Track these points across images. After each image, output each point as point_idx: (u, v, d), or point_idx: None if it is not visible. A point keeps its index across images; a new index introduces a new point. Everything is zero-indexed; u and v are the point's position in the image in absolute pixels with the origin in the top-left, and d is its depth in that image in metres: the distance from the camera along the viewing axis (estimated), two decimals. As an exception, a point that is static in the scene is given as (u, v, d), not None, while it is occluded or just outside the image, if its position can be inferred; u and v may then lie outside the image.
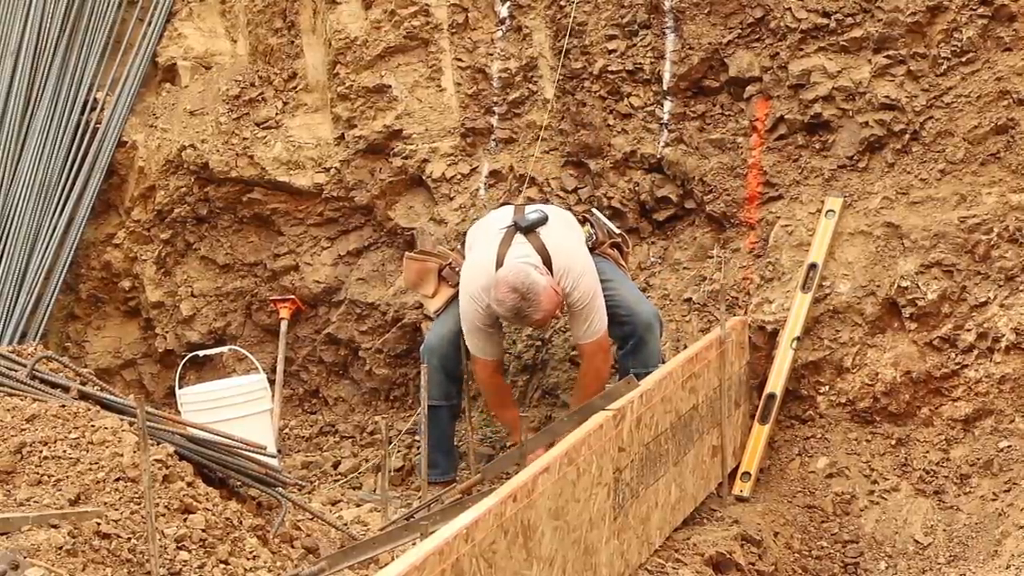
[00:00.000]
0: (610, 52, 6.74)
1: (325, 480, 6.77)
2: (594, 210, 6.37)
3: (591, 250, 5.95)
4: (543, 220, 5.83)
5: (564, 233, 5.91)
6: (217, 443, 4.81)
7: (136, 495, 4.14)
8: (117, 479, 4.19)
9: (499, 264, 5.69)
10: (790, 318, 6.15)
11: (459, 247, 6.31)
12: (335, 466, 6.91)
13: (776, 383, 6.13)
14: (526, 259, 5.66)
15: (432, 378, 5.86)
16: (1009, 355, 5.95)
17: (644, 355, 5.87)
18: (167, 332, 7.67)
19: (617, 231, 6.21)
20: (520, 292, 5.50)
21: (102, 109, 7.74)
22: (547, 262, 5.70)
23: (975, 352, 6.03)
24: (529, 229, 5.79)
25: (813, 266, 6.18)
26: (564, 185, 6.88)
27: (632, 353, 5.89)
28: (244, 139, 7.43)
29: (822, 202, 6.32)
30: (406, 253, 6.43)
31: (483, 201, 6.93)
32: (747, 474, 5.99)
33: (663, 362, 5.95)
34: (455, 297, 6.02)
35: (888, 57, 6.28)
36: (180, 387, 6.86)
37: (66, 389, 4.77)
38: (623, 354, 5.95)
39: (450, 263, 6.14)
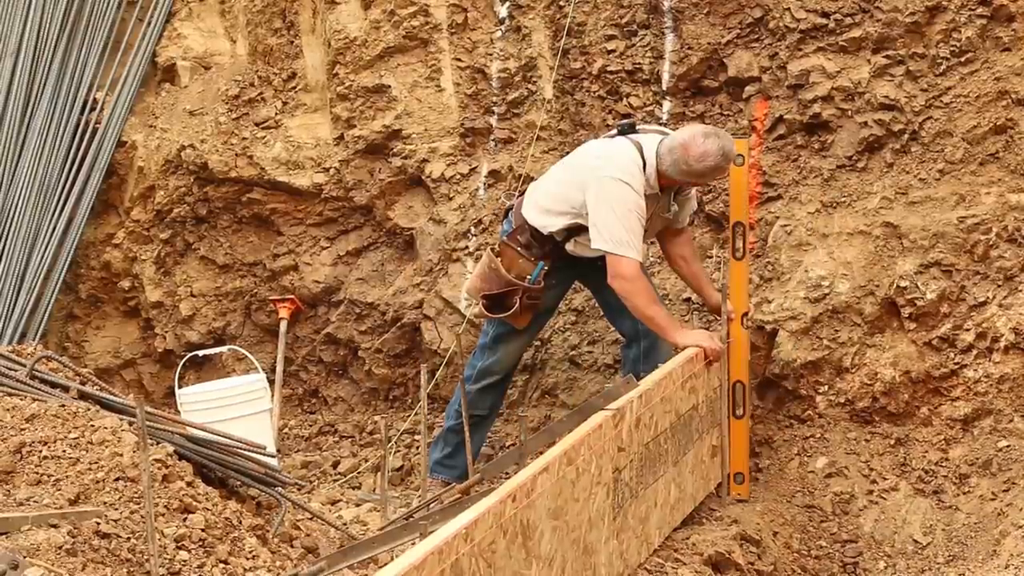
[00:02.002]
0: (609, 52, 6.74)
1: (324, 480, 6.77)
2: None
3: None
4: (632, 125, 5.81)
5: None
6: (217, 443, 4.81)
7: (136, 495, 4.14)
8: (117, 479, 4.19)
9: (641, 152, 5.58)
10: (732, 291, 5.85)
11: (519, 240, 5.81)
12: (334, 466, 6.92)
13: (739, 369, 5.86)
14: (652, 144, 5.61)
15: (489, 393, 5.98)
16: (1008, 355, 5.95)
17: (655, 354, 5.77)
18: (167, 332, 7.68)
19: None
20: (715, 133, 5.55)
21: (102, 109, 7.75)
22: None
23: (974, 352, 6.03)
24: (632, 129, 5.74)
25: (738, 225, 5.90)
26: (563, 185, 6.88)
27: (646, 355, 5.86)
28: (243, 139, 7.43)
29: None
30: (488, 250, 6.04)
31: (482, 201, 6.94)
32: (740, 475, 5.93)
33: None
34: (534, 322, 5.91)
35: (887, 57, 6.28)
36: (180, 387, 6.87)
37: (66, 389, 4.77)
38: (634, 357, 5.93)
39: (529, 290, 5.80)
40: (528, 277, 5.77)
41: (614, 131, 5.82)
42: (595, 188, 5.53)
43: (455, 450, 5.95)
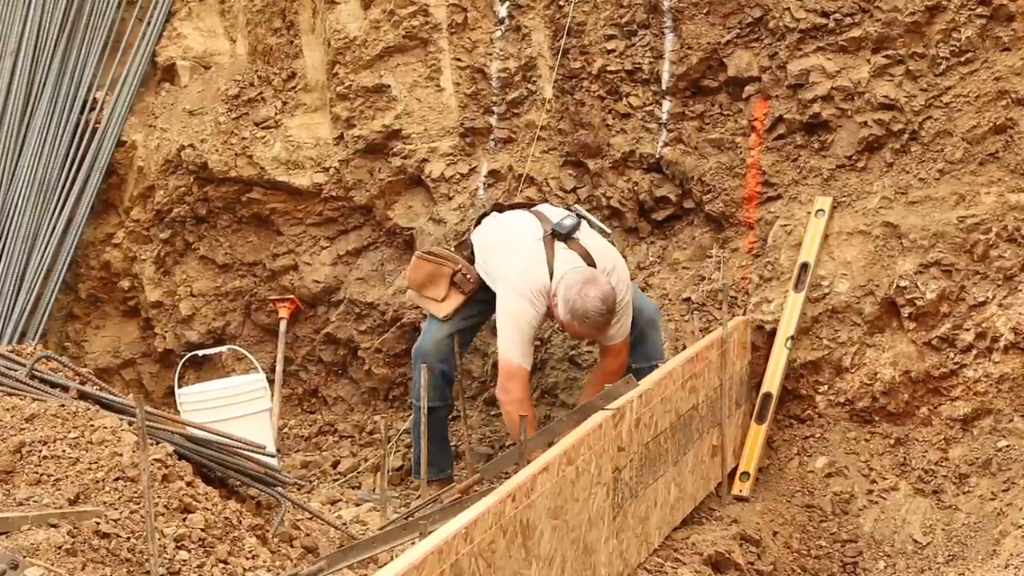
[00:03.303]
0: (609, 52, 6.74)
1: (324, 480, 6.77)
2: (580, 208, 6.35)
3: None
4: (578, 224, 5.84)
5: (596, 235, 5.95)
6: (216, 443, 4.81)
7: (135, 494, 4.14)
8: (116, 479, 4.19)
9: (550, 271, 5.68)
10: (783, 317, 6.16)
11: (463, 254, 6.19)
12: (334, 466, 6.92)
13: (772, 382, 6.14)
14: (576, 267, 5.67)
15: (431, 380, 5.88)
16: (1008, 355, 5.95)
17: (646, 349, 5.91)
18: (166, 332, 7.68)
19: (607, 230, 6.23)
20: (608, 305, 5.54)
21: (101, 109, 7.74)
22: (591, 265, 5.70)
23: (974, 352, 6.03)
24: (568, 235, 5.79)
25: (805, 265, 6.19)
26: (563, 185, 6.88)
27: (634, 347, 5.91)
28: (243, 139, 7.43)
29: (813, 202, 6.33)
30: (417, 252, 6.35)
31: (482, 201, 6.94)
32: (746, 474, 6.00)
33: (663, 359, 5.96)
34: (464, 304, 6.03)
35: (887, 57, 6.28)
36: (179, 387, 6.87)
37: (65, 389, 4.77)
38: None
39: (461, 269, 6.08)
40: (464, 268, 6.05)
41: (555, 223, 5.86)
42: (501, 294, 5.82)
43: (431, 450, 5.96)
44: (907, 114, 6.25)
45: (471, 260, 6.10)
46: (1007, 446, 5.93)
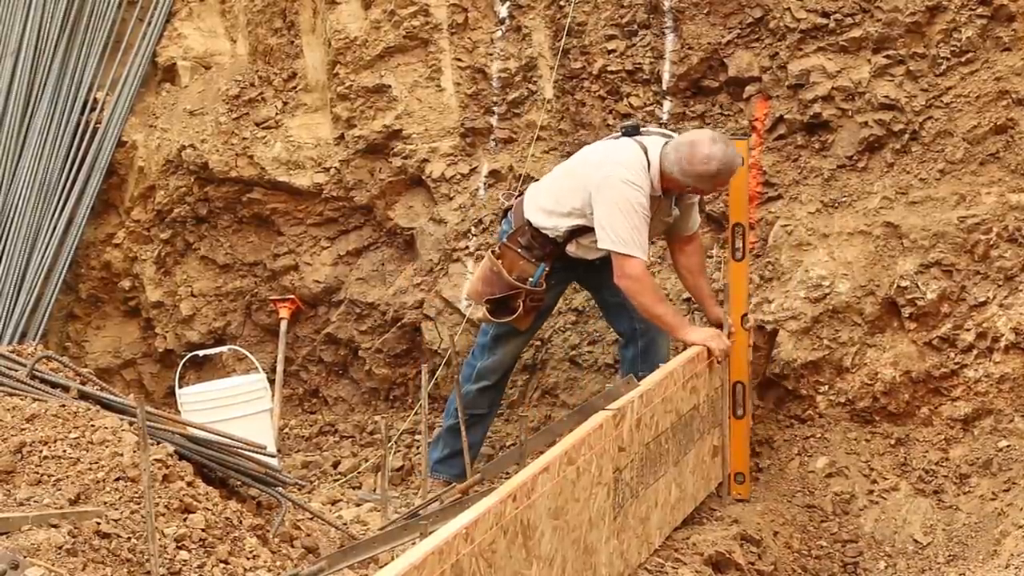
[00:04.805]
0: (609, 52, 6.74)
1: (325, 480, 6.77)
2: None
3: None
4: (638, 127, 5.78)
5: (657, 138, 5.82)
6: (217, 443, 4.81)
7: (136, 495, 4.14)
8: (117, 479, 4.19)
9: (644, 151, 5.58)
10: (731, 292, 5.86)
11: (520, 241, 5.82)
12: (335, 466, 6.92)
13: (740, 368, 5.87)
14: (657, 145, 5.60)
15: (488, 392, 6.01)
16: (1008, 355, 5.95)
17: (654, 354, 5.83)
18: (167, 332, 7.68)
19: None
20: (723, 140, 5.52)
21: (102, 109, 7.75)
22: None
23: (974, 352, 6.03)
24: (636, 132, 5.71)
25: (738, 226, 5.91)
26: (564, 185, 6.88)
27: (644, 355, 5.88)
28: (244, 139, 7.43)
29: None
30: (489, 252, 5.97)
31: (482, 201, 6.94)
32: (740, 475, 5.95)
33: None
34: (534, 322, 5.93)
35: (887, 57, 6.28)
36: (180, 387, 6.87)
37: (66, 389, 4.77)
38: (632, 357, 5.94)
39: (531, 295, 5.82)
40: (530, 279, 5.78)
41: (618, 132, 5.81)
42: (601, 189, 5.55)
43: (454, 449, 5.96)
44: (908, 114, 6.25)
45: (528, 248, 5.79)
46: (1008, 446, 5.94)
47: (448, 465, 6.05)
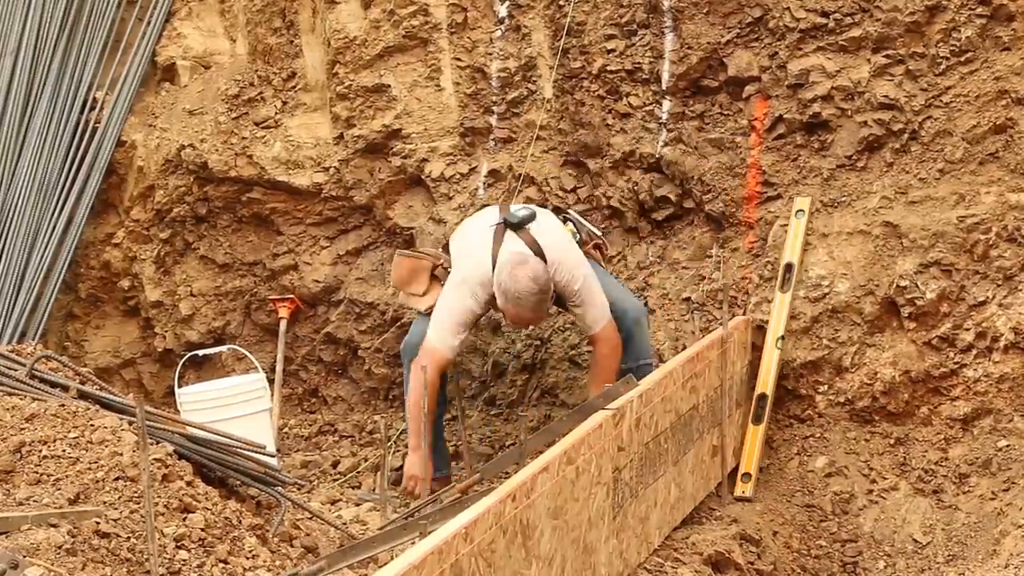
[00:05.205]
0: (609, 52, 6.74)
1: (324, 479, 6.77)
2: (571, 211, 6.39)
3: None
4: (531, 216, 5.90)
5: (553, 228, 5.99)
6: (216, 442, 4.81)
7: (135, 494, 4.14)
8: (116, 478, 4.19)
9: (493, 261, 5.73)
10: (772, 318, 6.17)
11: (442, 248, 6.28)
12: (334, 465, 6.92)
13: (765, 383, 6.15)
14: (514, 251, 5.72)
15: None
16: (1008, 354, 5.95)
17: (633, 349, 5.96)
18: (166, 331, 7.68)
19: (597, 232, 6.26)
20: (540, 284, 5.60)
21: (101, 109, 7.74)
22: (540, 257, 5.74)
23: (974, 351, 6.03)
24: (519, 225, 5.84)
25: (789, 266, 6.21)
26: (563, 184, 6.88)
27: (623, 346, 5.93)
28: (243, 139, 7.43)
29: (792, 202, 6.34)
30: (397, 251, 6.43)
31: (482, 200, 6.94)
32: (747, 475, 5.99)
33: (660, 359, 5.96)
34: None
35: (887, 57, 6.28)
36: (179, 386, 6.87)
37: (65, 388, 4.77)
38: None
39: (442, 263, 6.14)
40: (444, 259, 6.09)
41: (508, 214, 5.93)
42: (448, 280, 5.95)
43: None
44: (907, 114, 6.25)
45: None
46: (1007, 446, 5.94)
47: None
